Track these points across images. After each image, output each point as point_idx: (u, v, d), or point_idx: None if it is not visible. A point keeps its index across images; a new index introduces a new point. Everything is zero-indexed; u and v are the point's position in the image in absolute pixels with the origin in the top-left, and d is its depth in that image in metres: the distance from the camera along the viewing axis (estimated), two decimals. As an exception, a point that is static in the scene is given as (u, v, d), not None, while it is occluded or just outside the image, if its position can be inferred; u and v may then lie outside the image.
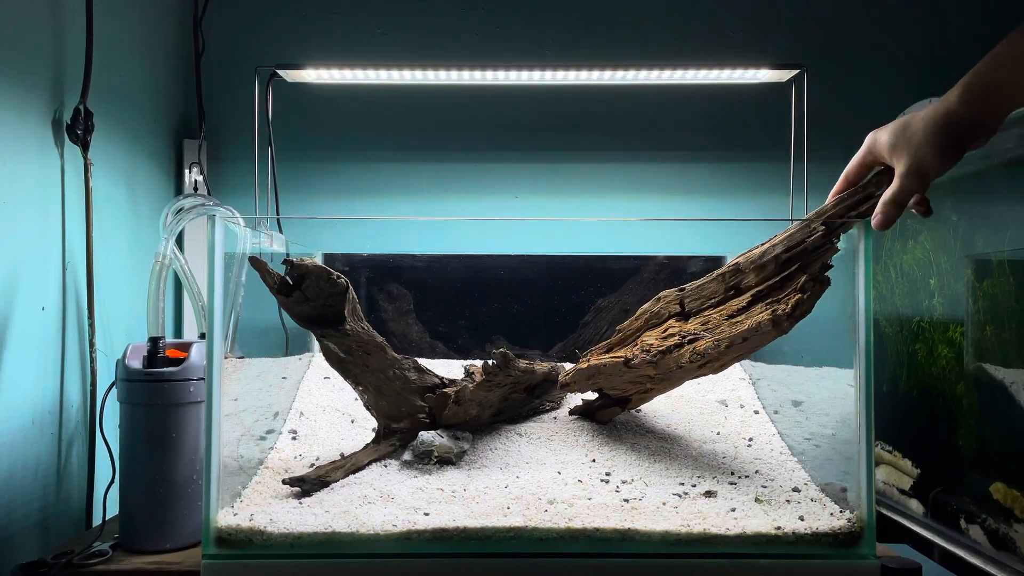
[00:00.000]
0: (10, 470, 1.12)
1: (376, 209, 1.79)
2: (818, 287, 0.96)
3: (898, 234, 1.33)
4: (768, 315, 0.97)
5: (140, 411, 1.06)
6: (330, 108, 1.78)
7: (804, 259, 0.97)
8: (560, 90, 1.76)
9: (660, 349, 1.07)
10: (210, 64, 1.75)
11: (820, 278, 0.96)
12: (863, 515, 0.96)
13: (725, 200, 1.79)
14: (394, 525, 0.94)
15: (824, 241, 0.95)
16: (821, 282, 0.96)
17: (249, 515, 0.97)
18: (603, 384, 1.21)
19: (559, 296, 1.59)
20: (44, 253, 1.21)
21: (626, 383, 1.17)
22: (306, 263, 1.05)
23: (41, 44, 1.21)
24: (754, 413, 1.35)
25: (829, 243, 0.95)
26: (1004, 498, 1.02)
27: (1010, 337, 1.02)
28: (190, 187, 1.65)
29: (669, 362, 1.07)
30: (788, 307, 0.95)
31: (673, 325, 1.11)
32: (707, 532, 0.94)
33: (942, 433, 1.17)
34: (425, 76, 1.47)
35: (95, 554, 1.03)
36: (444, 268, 1.62)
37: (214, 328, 0.98)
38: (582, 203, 1.80)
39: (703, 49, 1.78)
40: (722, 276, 1.06)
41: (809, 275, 0.96)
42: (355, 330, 1.10)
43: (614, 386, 1.20)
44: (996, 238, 1.08)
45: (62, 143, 1.25)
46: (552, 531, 0.94)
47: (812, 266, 0.96)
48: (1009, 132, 1.04)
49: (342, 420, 1.33)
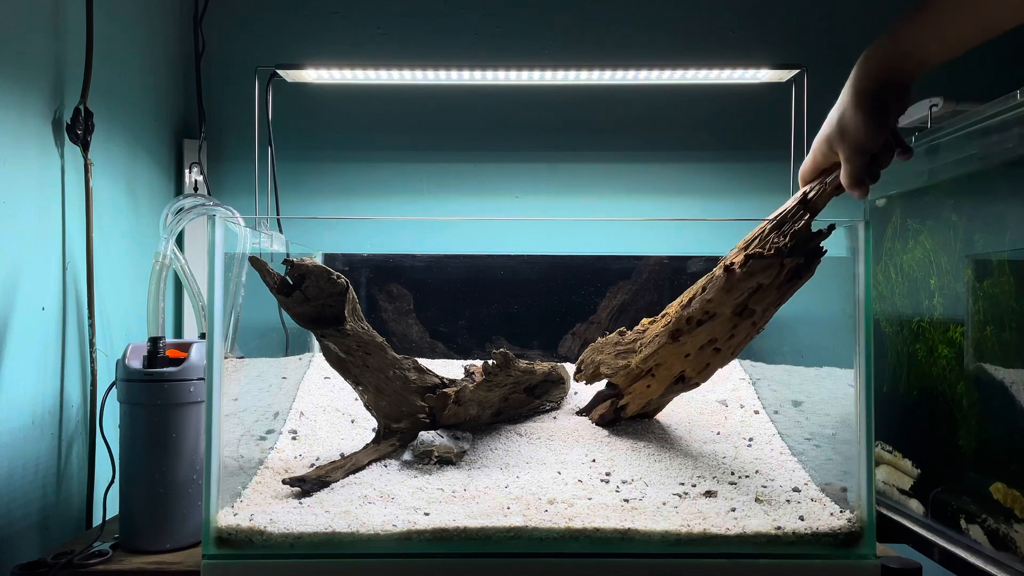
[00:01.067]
0: (10, 470, 1.12)
1: (376, 209, 1.79)
2: (784, 249, 0.96)
3: (898, 234, 1.33)
4: (721, 267, 1.01)
5: (140, 411, 1.06)
6: (330, 108, 1.78)
7: (781, 228, 0.98)
8: (560, 90, 1.76)
9: (647, 325, 1.19)
10: (210, 64, 1.75)
11: (786, 245, 0.96)
12: (863, 515, 0.96)
13: (725, 200, 1.79)
14: (394, 525, 0.95)
15: (798, 208, 0.97)
16: (789, 246, 0.96)
17: (249, 515, 0.97)
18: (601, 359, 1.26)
19: (559, 296, 1.59)
20: (44, 253, 1.21)
21: (615, 358, 1.22)
22: (306, 263, 1.05)
23: (41, 44, 1.21)
24: (754, 413, 1.35)
25: (804, 210, 0.96)
26: (1004, 498, 1.02)
27: (1010, 337, 1.02)
28: (190, 187, 1.65)
29: (652, 331, 1.16)
30: (742, 258, 0.98)
31: (670, 308, 1.17)
32: (707, 532, 0.94)
33: (942, 433, 1.17)
34: (425, 76, 1.47)
35: (95, 554, 1.03)
36: (444, 268, 1.62)
37: (214, 328, 0.98)
38: (582, 203, 1.80)
39: (703, 49, 1.78)
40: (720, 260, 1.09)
41: (778, 238, 0.97)
42: (355, 330, 1.10)
43: (607, 363, 1.24)
44: (996, 238, 1.08)
45: (62, 143, 1.25)
46: (552, 531, 0.94)
47: (788, 233, 0.97)
48: (1009, 132, 1.04)
49: (342, 420, 1.33)
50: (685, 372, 1.13)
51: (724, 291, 1.01)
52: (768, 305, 1.02)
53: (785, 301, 1.02)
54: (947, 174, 1.21)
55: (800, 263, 0.97)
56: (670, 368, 1.14)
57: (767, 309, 1.02)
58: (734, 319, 1.04)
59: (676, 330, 1.09)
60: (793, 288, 1.00)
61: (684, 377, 1.14)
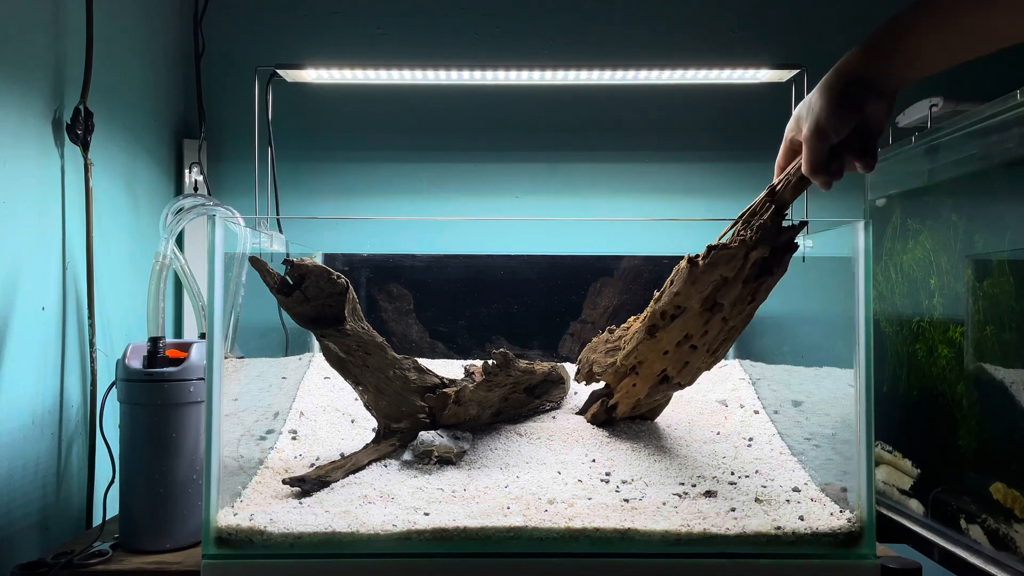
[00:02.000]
0: (10, 470, 1.12)
1: (376, 209, 1.79)
2: (748, 243, 0.95)
3: (898, 234, 1.33)
4: (686, 258, 1.01)
5: (140, 411, 1.06)
6: (330, 108, 1.78)
7: (749, 222, 0.97)
8: (560, 90, 1.76)
9: (632, 322, 1.21)
10: (210, 64, 1.75)
11: (751, 238, 0.95)
12: (863, 515, 0.96)
13: (725, 200, 1.79)
14: (394, 525, 0.95)
15: (765, 201, 0.95)
16: (754, 239, 0.95)
17: (249, 515, 0.97)
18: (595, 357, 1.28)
19: (559, 296, 1.59)
20: (44, 253, 1.21)
21: (604, 356, 1.23)
22: (306, 263, 1.05)
23: (41, 44, 1.21)
24: (754, 413, 1.35)
25: (770, 203, 0.95)
26: (1004, 498, 1.02)
27: (1010, 337, 1.02)
28: (190, 187, 1.65)
29: (633, 328, 1.18)
30: (704, 251, 0.98)
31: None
32: (707, 532, 0.94)
33: (942, 433, 1.17)
34: (425, 76, 1.47)
35: (95, 554, 1.03)
36: (444, 268, 1.62)
37: (214, 328, 0.98)
38: (582, 203, 1.80)
39: (703, 49, 1.78)
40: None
41: (744, 231, 0.96)
42: (355, 330, 1.10)
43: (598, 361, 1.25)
44: (996, 238, 1.08)
45: (62, 143, 1.25)
46: (552, 531, 0.94)
47: (753, 226, 0.96)
48: (1009, 132, 1.04)
49: (342, 420, 1.33)
50: (667, 371, 1.12)
51: (689, 283, 1.00)
52: (735, 299, 0.99)
53: (761, 298, 1.00)
54: (947, 174, 1.21)
55: (765, 256, 0.96)
56: (651, 366, 1.13)
57: (735, 304, 1.00)
58: (704, 314, 1.02)
59: (652, 325, 1.09)
60: (763, 284, 0.98)
61: (667, 376, 1.13)
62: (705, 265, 0.98)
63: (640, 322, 1.15)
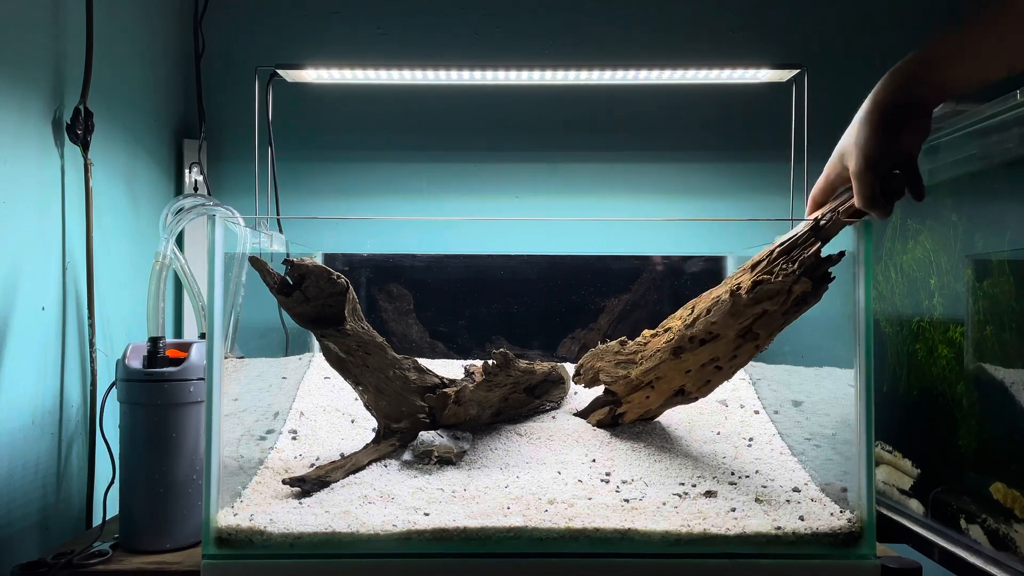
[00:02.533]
0: (10, 470, 1.12)
1: (376, 209, 1.79)
2: (791, 277, 0.95)
3: (898, 234, 1.33)
4: (727, 291, 1.00)
5: (140, 411, 1.06)
6: (330, 108, 1.78)
7: (790, 253, 0.98)
8: (560, 90, 1.76)
9: (649, 338, 1.19)
10: (210, 64, 1.75)
11: (799, 273, 0.95)
12: (863, 515, 0.96)
13: (725, 200, 1.79)
14: (394, 525, 0.94)
15: (809, 235, 0.96)
16: (797, 274, 0.95)
17: (249, 515, 0.97)
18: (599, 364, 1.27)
19: (559, 296, 1.59)
20: (44, 253, 1.21)
21: (615, 367, 1.22)
22: (306, 263, 1.05)
23: (41, 44, 1.21)
24: (754, 413, 1.35)
25: (815, 237, 0.96)
26: (1004, 498, 1.02)
27: (1010, 337, 1.02)
28: (190, 187, 1.65)
29: (653, 345, 1.16)
30: (748, 284, 0.98)
31: (672, 322, 1.16)
32: (707, 532, 0.94)
33: (942, 433, 1.17)
34: (425, 76, 1.47)
35: (95, 554, 1.03)
36: (444, 268, 1.62)
37: (214, 328, 0.98)
38: (582, 203, 1.80)
39: (703, 49, 1.78)
40: (727, 280, 1.08)
41: (787, 264, 0.97)
42: (355, 330, 1.10)
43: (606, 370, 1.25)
44: (996, 238, 1.08)
45: (62, 143, 1.25)
46: (552, 531, 0.94)
47: (797, 259, 0.97)
48: (1009, 132, 1.04)
49: (342, 420, 1.33)
50: (685, 386, 1.13)
51: (729, 315, 1.00)
52: (773, 330, 1.01)
53: (790, 324, 1.02)
54: (947, 174, 1.21)
55: (807, 290, 0.96)
56: (670, 382, 1.14)
57: (772, 334, 1.02)
58: (737, 341, 1.03)
59: (678, 347, 1.08)
60: (798, 312, 1.00)
61: (684, 391, 1.14)
62: (749, 299, 0.97)
63: (663, 341, 1.13)
